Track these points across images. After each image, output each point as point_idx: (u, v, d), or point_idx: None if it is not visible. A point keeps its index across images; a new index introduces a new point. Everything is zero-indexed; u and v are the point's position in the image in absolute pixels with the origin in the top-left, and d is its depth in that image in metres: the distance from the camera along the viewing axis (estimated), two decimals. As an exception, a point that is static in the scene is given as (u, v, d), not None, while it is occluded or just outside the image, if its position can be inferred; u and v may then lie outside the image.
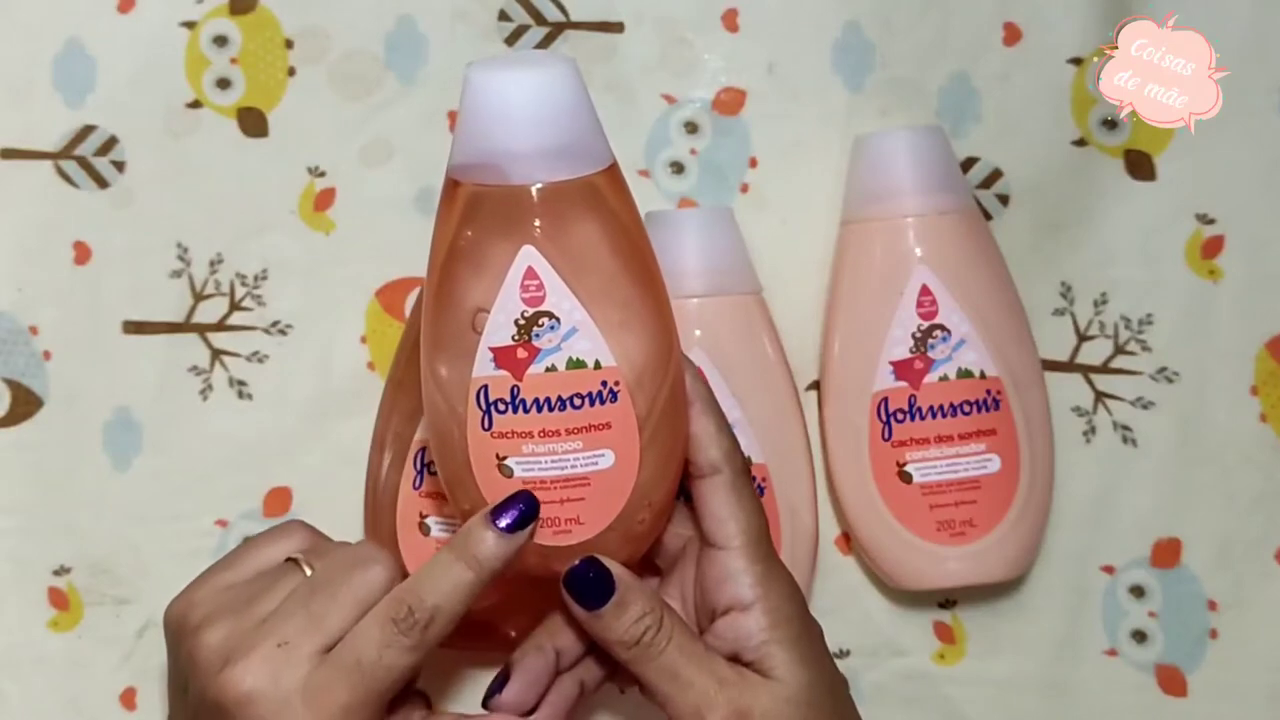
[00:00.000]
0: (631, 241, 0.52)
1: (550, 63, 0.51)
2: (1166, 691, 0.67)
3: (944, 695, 0.67)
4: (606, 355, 0.51)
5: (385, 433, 0.63)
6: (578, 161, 0.51)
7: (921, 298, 0.63)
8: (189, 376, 0.67)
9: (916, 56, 0.68)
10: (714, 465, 0.53)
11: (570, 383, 0.51)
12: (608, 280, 0.51)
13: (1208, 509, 0.67)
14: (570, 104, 0.50)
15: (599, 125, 0.51)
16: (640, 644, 0.52)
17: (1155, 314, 0.67)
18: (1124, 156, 0.68)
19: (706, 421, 0.53)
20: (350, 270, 0.67)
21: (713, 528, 0.53)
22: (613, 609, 0.51)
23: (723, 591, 0.53)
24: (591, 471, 0.51)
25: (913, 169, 0.64)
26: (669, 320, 0.53)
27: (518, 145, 0.50)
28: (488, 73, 0.50)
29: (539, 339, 0.51)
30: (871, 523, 0.64)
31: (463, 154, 0.51)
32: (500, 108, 0.50)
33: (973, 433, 0.63)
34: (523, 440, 0.51)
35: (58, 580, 0.67)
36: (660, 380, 0.52)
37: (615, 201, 0.52)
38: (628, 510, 0.52)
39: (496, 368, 0.51)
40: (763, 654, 0.52)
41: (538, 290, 0.51)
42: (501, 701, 0.54)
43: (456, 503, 0.53)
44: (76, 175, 0.67)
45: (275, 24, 0.68)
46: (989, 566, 0.63)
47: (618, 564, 0.52)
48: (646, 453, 0.52)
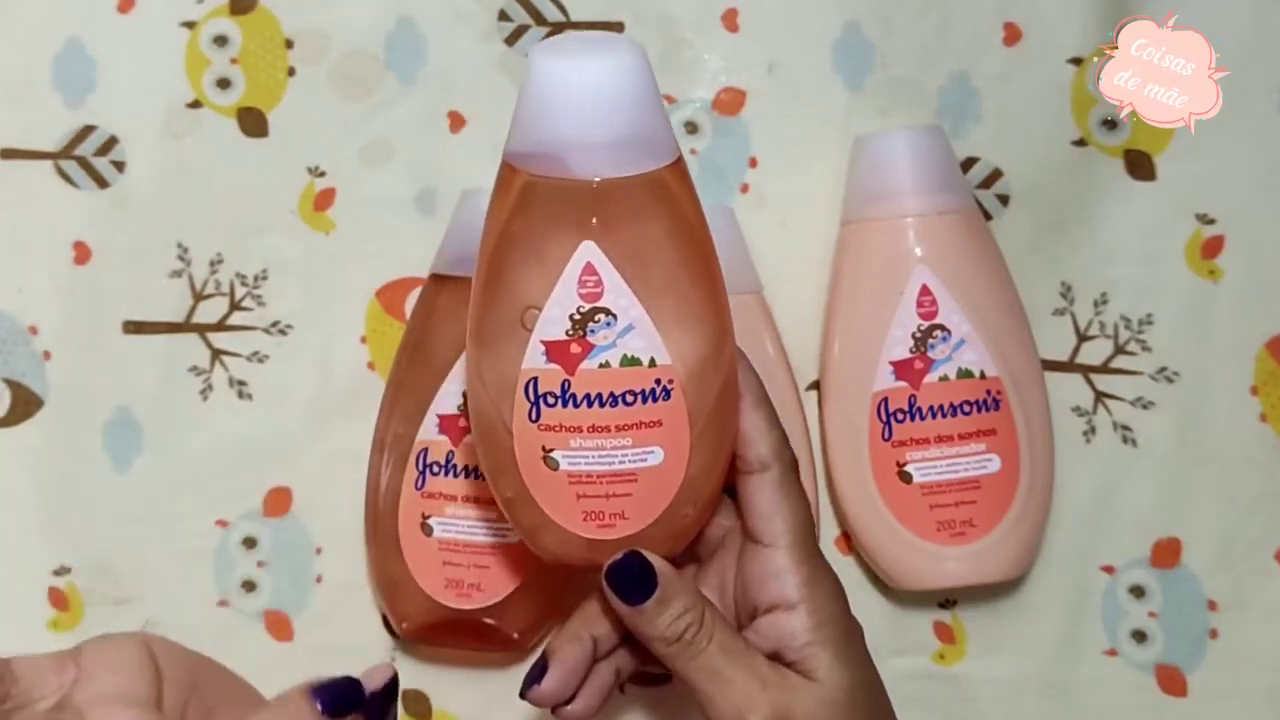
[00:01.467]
0: (693, 238, 0.51)
1: (618, 50, 0.49)
2: (1166, 691, 0.67)
3: (944, 695, 0.67)
4: (662, 353, 0.50)
5: (386, 433, 0.63)
6: (642, 155, 0.49)
7: (921, 298, 0.63)
8: (189, 376, 0.67)
9: (916, 56, 0.68)
10: (763, 462, 0.52)
11: (623, 380, 0.50)
12: (667, 278, 0.50)
13: (1208, 509, 0.67)
14: (637, 94, 0.48)
15: (665, 117, 0.50)
16: (681, 641, 0.51)
17: (1155, 314, 0.67)
18: (1124, 156, 0.68)
19: (757, 416, 0.53)
20: (350, 270, 0.67)
21: (759, 525, 0.52)
22: (654, 605, 0.51)
23: (767, 589, 0.52)
24: (640, 468, 0.51)
25: (913, 169, 0.64)
26: (726, 317, 0.52)
27: (581, 136, 0.48)
28: (552, 58, 0.48)
29: (593, 335, 0.50)
30: (871, 523, 0.64)
31: (522, 141, 0.49)
32: (564, 96, 0.48)
33: (973, 433, 0.63)
34: (571, 434, 0.50)
35: (58, 580, 0.67)
36: (714, 378, 0.51)
37: (679, 197, 0.50)
38: (674, 506, 0.51)
39: (548, 361, 0.50)
40: (806, 655, 0.51)
41: (595, 286, 0.50)
42: (540, 692, 0.53)
43: (498, 491, 0.52)
44: (76, 175, 0.67)
45: (275, 24, 0.68)
46: (989, 566, 0.63)
47: (661, 559, 0.51)
48: (696, 449, 0.51)
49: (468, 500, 0.61)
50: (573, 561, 0.52)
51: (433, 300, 0.64)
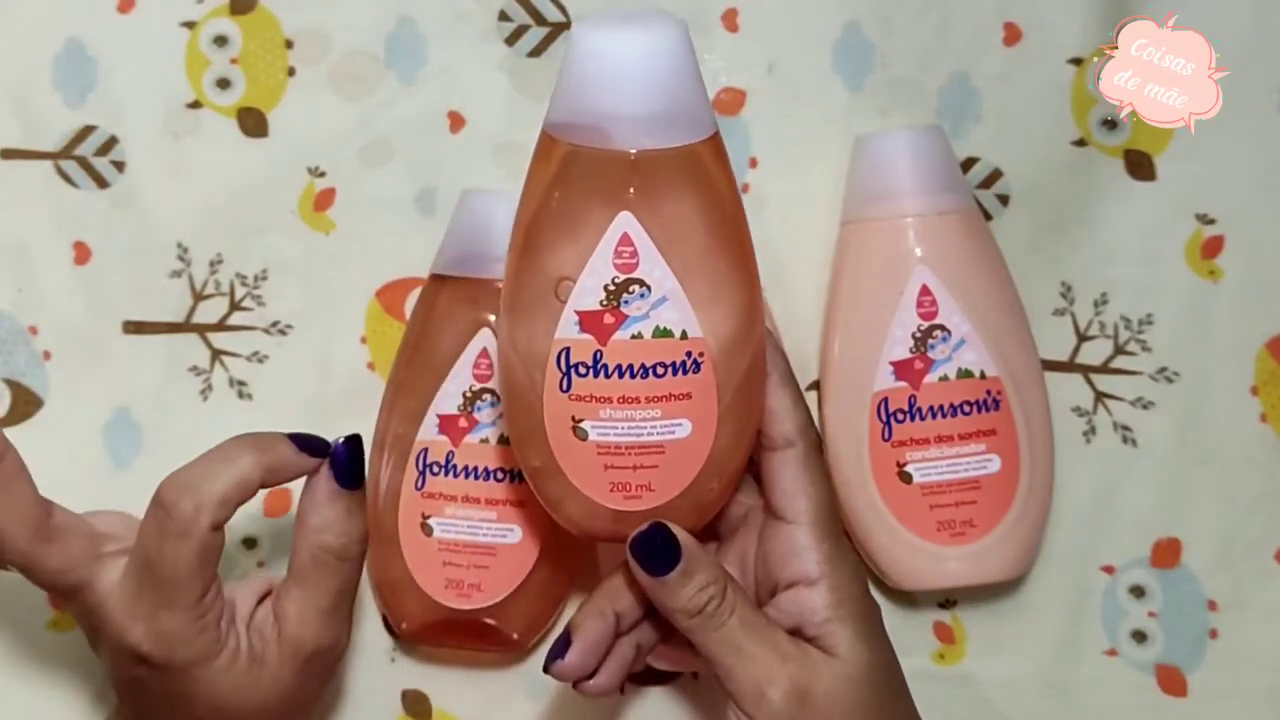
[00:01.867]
0: (728, 213, 0.51)
1: (661, 24, 0.49)
2: (1166, 691, 0.67)
3: (944, 695, 0.66)
4: (694, 326, 0.51)
5: (386, 433, 0.63)
6: (681, 129, 0.50)
7: (921, 298, 0.63)
8: (189, 377, 0.67)
9: (916, 56, 0.68)
10: (788, 439, 0.53)
11: (655, 351, 0.51)
12: (701, 251, 0.51)
13: (1208, 509, 0.67)
14: (678, 68, 0.49)
15: (704, 92, 0.50)
16: (703, 614, 0.51)
17: (1155, 314, 0.67)
18: (1124, 156, 0.68)
19: (783, 394, 0.53)
20: (350, 270, 0.67)
21: (782, 502, 0.53)
22: (678, 577, 0.51)
23: (789, 566, 0.53)
24: (668, 440, 0.51)
25: (913, 169, 0.64)
26: (757, 293, 0.52)
27: (621, 108, 0.49)
28: (595, 31, 0.49)
29: (627, 306, 0.50)
30: (871, 523, 0.64)
31: (563, 111, 0.50)
32: (606, 68, 0.49)
33: (973, 433, 0.63)
34: (601, 405, 0.51)
35: (58, 580, 0.67)
36: (743, 353, 0.52)
37: (715, 172, 0.51)
38: (700, 479, 0.52)
39: (581, 331, 0.51)
40: (826, 631, 0.52)
41: (631, 257, 0.50)
42: (564, 667, 0.53)
43: (526, 460, 0.53)
44: (76, 175, 0.67)
45: (275, 24, 0.68)
46: (989, 566, 0.63)
47: (685, 532, 0.52)
48: (723, 423, 0.51)
49: (468, 500, 0.61)
50: (597, 533, 0.53)
51: (433, 300, 0.64)
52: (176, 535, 0.52)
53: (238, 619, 0.55)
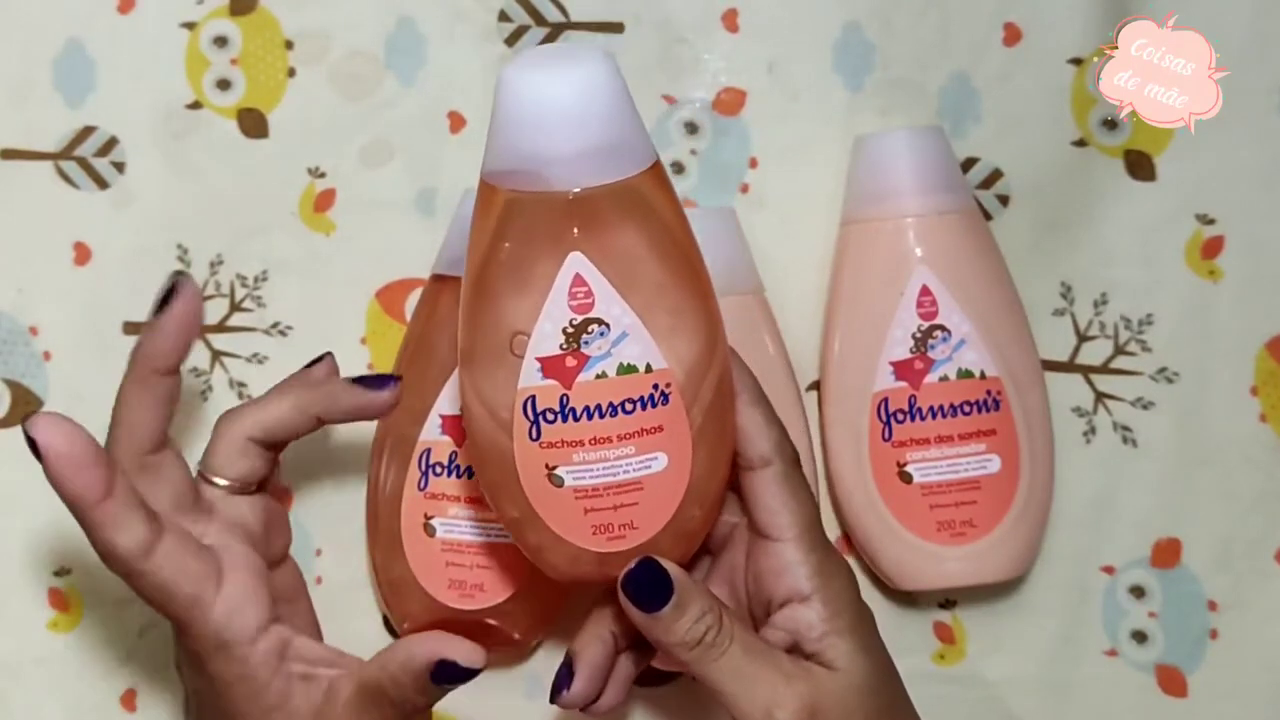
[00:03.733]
0: (677, 240, 0.51)
1: (588, 59, 0.49)
2: (1166, 691, 0.67)
3: (944, 695, 0.67)
4: (658, 358, 0.50)
5: (386, 434, 0.63)
6: (621, 162, 0.49)
7: (921, 298, 0.63)
8: (189, 377, 0.67)
9: (916, 56, 0.68)
10: (764, 458, 0.52)
11: (622, 388, 0.50)
12: (655, 281, 0.50)
13: (1208, 509, 0.67)
14: (610, 102, 0.48)
15: (640, 122, 0.50)
16: (702, 644, 0.51)
17: (1155, 314, 0.67)
18: (1124, 156, 0.68)
19: (754, 413, 0.53)
20: (350, 271, 0.67)
21: (766, 520, 0.52)
22: (672, 611, 0.50)
23: (780, 583, 0.52)
24: (645, 475, 0.50)
25: (913, 169, 0.64)
26: (716, 315, 0.52)
27: (558, 148, 0.48)
28: (522, 72, 0.48)
29: (588, 346, 0.50)
30: (871, 523, 0.64)
31: (499, 159, 0.49)
32: (537, 110, 0.48)
33: (973, 433, 0.63)
34: (573, 449, 0.50)
35: (58, 581, 0.67)
36: (709, 377, 0.51)
37: (660, 200, 0.50)
38: (682, 510, 0.51)
39: (544, 378, 0.50)
40: (824, 645, 0.51)
41: (586, 297, 0.49)
42: (571, 697, 0.53)
43: (502, 512, 0.52)
44: (76, 175, 0.67)
45: (275, 24, 0.68)
46: (989, 566, 0.63)
47: (674, 565, 0.51)
48: (698, 450, 0.51)
49: (470, 501, 0.61)
50: (584, 577, 0.52)
51: (434, 301, 0.64)
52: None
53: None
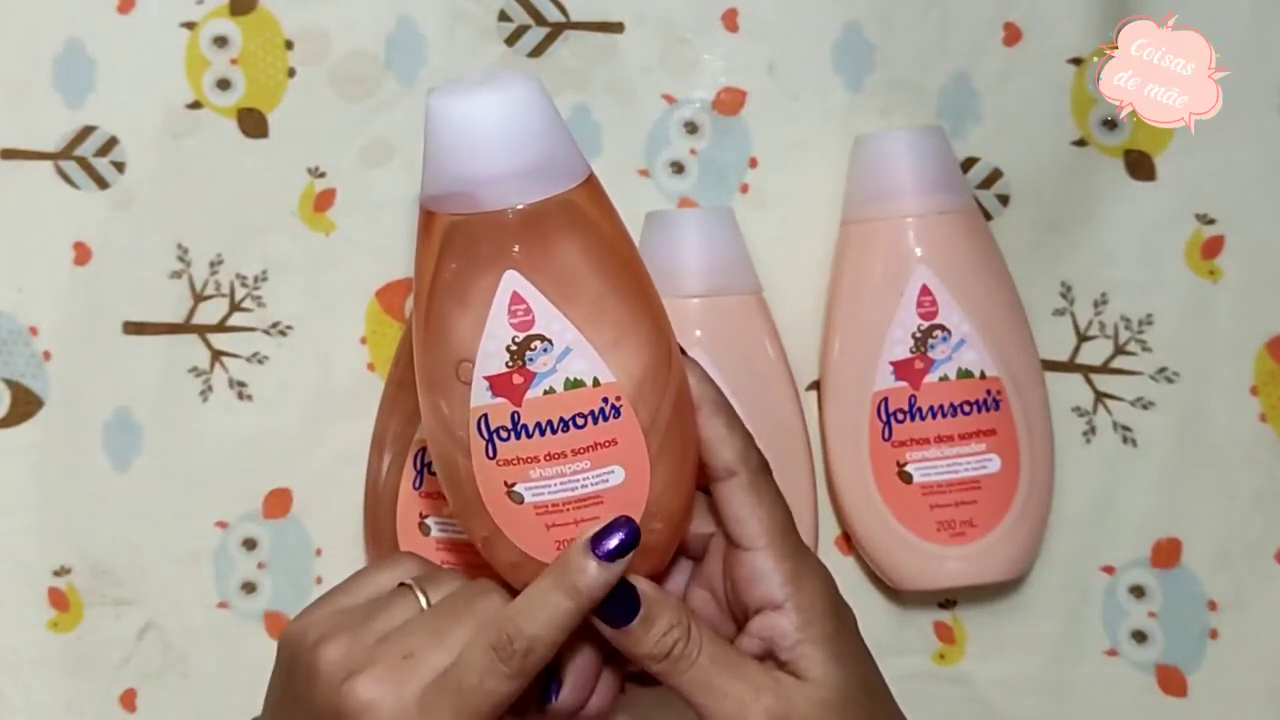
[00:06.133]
0: (617, 252, 0.51)
1: (512, 81, 0.49)
2: (1166, 691, 0.67)
3: (944, 695, 0.67)
4: (604, 371, 0.50)
5: (385, 433, 0.63)
6: (553, 179, 0.49)
7: (921, 298, 0.63)
8: (189, 377, 0.67)
9: (916, 56, 0.68)
10: (729, 468, 0.52)
11: (570, 403, 0.50)
12: (597, 295, 0.50)
13: (1208, 509, 0.67)
14: (538, 121, 0.49)
15: (570, 139, 0.50)
16: (670, 656, 0.51)
17: (1155, 314, 0.67)
18: (1124, 156, 0.68)
19: (716, 423, 0.52)
20: (350, 271, 0.67)
21: (736, 529, 0.52)
22: (640, 624, 0.50)
23: (753, 591, 0.52)
24: (603, 489, 0.50)
25: (913, 169, 0.64)
26: (665, 326, 0.52)
27: (488, 170, 0.49)
28: (449, 99, 0.49)
29: (533, 363, 0.50)
30: (871, 523, 0.64)
31: (434, 185, 0.50)
32: (466, 134, 0.49)
33: (973, 433, 0.63)
34: (529, 465, 0.50)
35: (58, 581, 0.67)
36: (662, 389, 0.51)
37: (596, 214, 0.51)
38: (644, 524, 0.51)
39: (494, 396, 0.50)
40: (797, 654, 0.51)
41: (526, 315, 0.50)
42: (560, 705, 0.53)
43: (472, 532, 0.52)
44: (76, 175, 0.67)
45: (275, 24, 0.68)
46: (989, 566, 0.63)
47: (640, 578, 0.51)
48: (657, 464, 0.51)
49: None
50: None
51: (433, 301, 0.64)
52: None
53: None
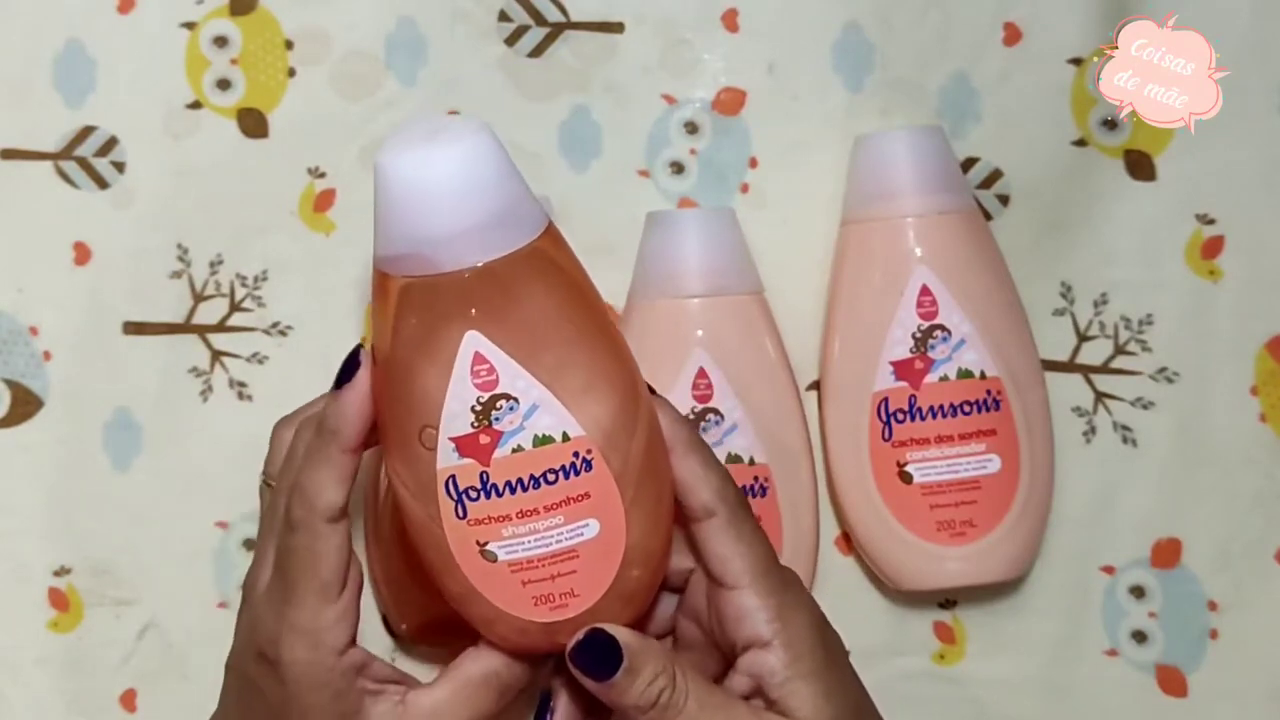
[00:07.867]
0: (579, 299, 0.50)
1: (463, 133, 0.47)
2: (1166, 692, 0.67)
3: (944, 695, 0.67)
4: (573, 425, 0.49)
5: (385, 433, 0.63)
6: (510, 233, 0.48)
7: (921, 298, 0.63)
8: (189, 377, 0.67)
9: (916, 56, 0.68)
10: (707, 508, 0.51)
11: (540, 460, 0.48)
12: (562, 347, 0.49)
13: (1208, 509, 0.67)
14: (492, 172, 0.47)
15: (526, 189, 0.48)
16: (658, 705, 0.50)
17: (1155, 314, 0.67)
18: (1124, 156, 0.68)
19: (691, 463, 0.51)
20: (350, 271, 0.67)
21: (718, 568, 0.51)
22: (624, 677, 0.49)
23: (740, 629, 0.51)
24: (579, 543, 0.49)
25: (913, 169, 0.64)
26: (632, 370, 0.50)
27: (443, 230, 0.47)
28: (397, 156, 0.47)
29: (499, 422, 0.48)
30: (871, 523, 0.64)
31: (387, 245, 0.48)
32: (418, 192, 0.47)
33: (973, 433, 0.63)
34: (501, 524, 0.49)
35: (58, 581, 0.67)
36: (633, 434, 0.50)
37: (556, 264, 0.49)
38: (622, 573, 0.50)
39: (461, 457, 0.49)
40: (786, 691, 0.50)
41: (489, 374, 0.48)
42: None
43: (445, 589, 0.51)
44: (76, 175, 0.67)
45: (275, 24, 0.68)
46: (989, 566, 0.63)
47: (622, 629, 0.50)
48: (632, 511, 0.49)
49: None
50: (534, 648, 0.51)
51: (433, 301, 0.63)
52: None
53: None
